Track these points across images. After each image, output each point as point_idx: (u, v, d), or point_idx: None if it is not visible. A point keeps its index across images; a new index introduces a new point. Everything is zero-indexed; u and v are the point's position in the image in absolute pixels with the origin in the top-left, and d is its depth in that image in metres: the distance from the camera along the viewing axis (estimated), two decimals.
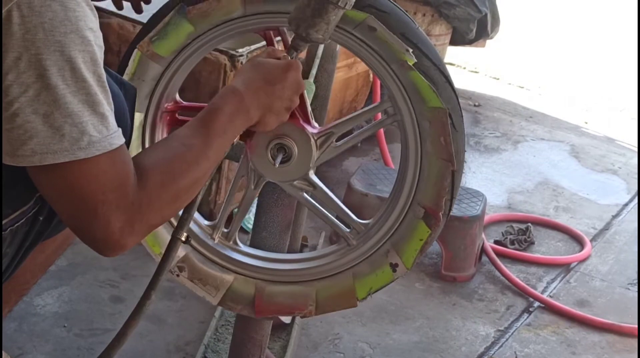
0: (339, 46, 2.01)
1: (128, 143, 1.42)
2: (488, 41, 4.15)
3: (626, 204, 3.38)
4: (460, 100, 1.57)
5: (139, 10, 1.73)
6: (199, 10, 1.57)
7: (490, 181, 3.43)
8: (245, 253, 1.72)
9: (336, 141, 1.60)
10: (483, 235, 2.76)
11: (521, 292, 2.65)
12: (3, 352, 1.90)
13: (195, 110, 1.65)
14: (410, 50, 1.49)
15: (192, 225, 1.71)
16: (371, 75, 3.22)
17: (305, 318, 2.28)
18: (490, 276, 2.73)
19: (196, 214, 1.72)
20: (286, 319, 2.23)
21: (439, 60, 1.52)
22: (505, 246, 2.90)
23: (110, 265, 2.44)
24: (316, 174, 1.63)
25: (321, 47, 1.96)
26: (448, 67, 1.57)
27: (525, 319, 2.54)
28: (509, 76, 4.77)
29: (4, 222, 1.29)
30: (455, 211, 2.61)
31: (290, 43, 1.47)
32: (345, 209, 1.66)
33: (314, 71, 1.94)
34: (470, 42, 4.00)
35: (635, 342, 2.48)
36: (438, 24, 3.70)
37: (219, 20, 1.57)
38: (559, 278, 2.79)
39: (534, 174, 3.55)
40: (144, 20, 1.64)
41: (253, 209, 2.73)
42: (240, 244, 1.73)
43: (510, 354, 2.37)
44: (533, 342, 2.44)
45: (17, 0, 1.08)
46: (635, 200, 3.41)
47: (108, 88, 1.17)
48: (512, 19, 5.14)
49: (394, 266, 1.61)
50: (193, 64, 1.66)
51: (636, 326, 2.53)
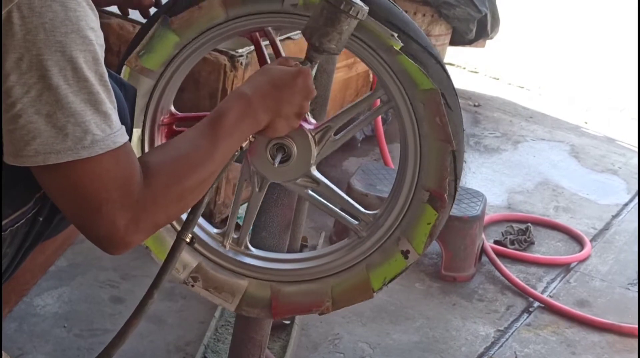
0: None
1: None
2: (488, 41, 4.15)
3: (626, 204, 3.38)
4: (460, 100, 1.57)
5: (146, 15, 1.72)
6: (182, 19, 1.57)
7: (490, 181, 3.43)
8: (257, 257, 1.72)
9: (334, 134, 1.60)
10: (483, 235, 2.76)
11: (521, 292, 2.65)
12: (3, 353, 1.90)
13: (192, 120, 1.66)
14: (396, 35, 1.49)
15: (203, 234, 1.71)
16: (371, 75, 3.22)
17: (305, 319, 2.28)
18: (490, 277, 2.73)
19: (205, 223, 1.72)
20: (286, 319, 2.23)
21: (426, 42, 1.52)
22: (505, 246, 2.90)
23: (110, 266, 2.44)
24: None
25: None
26: (448, 67, 1.57)
27: (525, 319, 2.54)
28: (509, 76, 4.77)
29: (3, 222, 1.30)
30: (455, 211, 2.61)
31: (305, 54, 1.47)
32: (351, 202, 1.66)
33: (313, 72, 1.94)
34: (470, 43, 4.01)
35: (635, 342, 2.48)
36: (438, 24, 3.70)
37: (203, 27, 1.57)
38: (558, 278, 2.79)
39: (534, 174, 3.55)
40: (144, 20, 1.64)
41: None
42: (252, 248, 1.73)
43: (510, 354, 2.37)
44: (533, 342, 2.44)
45: (18, 1, 1.08)
46: (635, 200, 3.41)
47: (110, 87, 1.17)
48: (512, 19, 5.14)
49: (405, 253, 1.61)
50: (184, 74, 1.66)
51: (636, 326, 2.53)
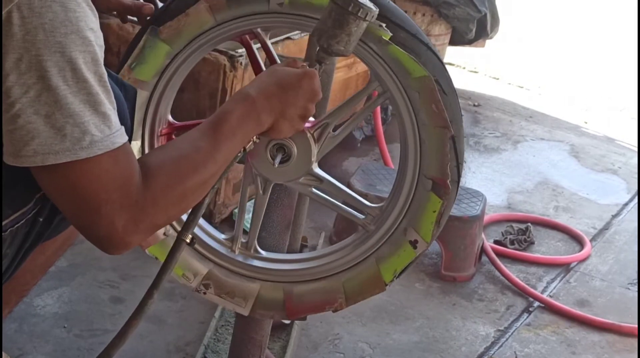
0: None
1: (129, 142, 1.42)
2: (487, 41, 4.15)
3: (626, 204, 3.38)
4: (460, 100, 1.57)
5: (143, 24, 1.72)
6: (171, 28, 1.57)
7: (490, 181, 3.43)
8: (267, 259, 1.71)
9: (333, 130, 1.60)
10: (483, 235, 2.76)
11: (521, 292, 2.65)
12: (3, 353, 1.90)
13: (190, 129, 1.65)
14: (384, 25, 1.48)
15: (211, 241, 1.71)
16: (370, 75, 3.22)
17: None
18: (490, 276, 2.73)
19: (213, 230, 1.72)
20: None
21: (415, 29, 1.51)
22: (505, 246, 2.90)
23: (110, 266, 2.44)
24: None
25: None
26: (448, 67, 1.57)
27: (525, 319, 2.54)
28: (509, 75, 4.77)
29: (4, 223, 1.29)
30: (455, 211, 2.61)
31: (315, 56, 1.46)
32: (356, 196, 1.66)
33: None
34: (469, 42, 4.01)
35: (635, 341, 2.49)
36: (437, 24, 3.70)
37: (193, 34, 1.57)
38: (558, 278, 2.79)
39: (533, 174, 3.55)
40: None
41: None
42: (261, 251, 1.72)
43: (510, 354, 2.37)
44: (533, 341, 2.44)
45: (17, 1, 1.08)
46: (635, 200, 3.41)
47: (109, 87, 1.17)
48: (512, 19, 5.15)
49: (414, 243, 1.60)
50: (179, 82, 1.66)
51: (636, 326, 2.53)
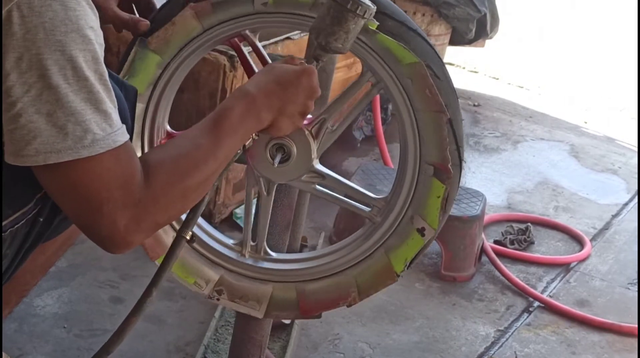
0: None
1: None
2: (487, 41, 4.14)
3: (626, 204, 3.38)
4: (460, 100, 1.57)
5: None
6: (158, 38, 1.57)
7: (489, 181, 3.43)
8: (277, 260, 1.72)
9: (331, 125, 1.60)
10: (483, 235, 2.76)
11: (521, 292, 2.65)
12: (3, 353, 1.90)
13: None
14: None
15: (220, 247, 1.71)
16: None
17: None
18: (490, 276, 2.73)
19: (222, 236, 1.72)
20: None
21: (402, 16, 1.51)
22: (505, 246, 2.90)
23: (110, 266, 2.44)
24: None
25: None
26: (448, 68, 1.57)
27: (525, 319, 2.54)
28: (509, 75, 4.77)
29: (4, 223, 1.29)
30: (455, 211, 2.61)
31: (312, 53, 1.47)
32: (360, 189, 1.66)
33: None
34: (469, 42, 4.00)
35: (635, 341, 2.48)
36: (437, 24, 3.70)
37: (182, 41, 1.57)
38: (558, 278, 2.79)
39: (533, 174, 3.55)
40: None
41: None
42: (271, 253, 1.72)
43: (510, 354, 2.37)
44: (533, 341, 2.44)
45: (17, 0, 1.08)
46: (635, 200, 3.41)
47: (110, 86, 1.17)
48: (512, 18, 5.14)
49: (421, 231, 1.60)
50: (174, 91, 1.66)
51: (636, 326, 2.53)
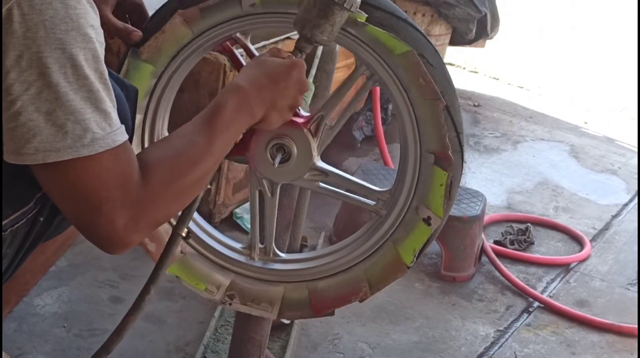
0: (338, 46, 2.01)
1: (130, 141, 1.41)
2: (488, 41, 4.14)
3: (626, 205, 3.38)
4: (460, 100, 1.57)
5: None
6: (150, 47, 1.57)
7: (489, 181, 3.43)
8: (287, 261, 1.72)
9: (329, 122, 1.59)
10: (483, 235, 2.76)
11: (521, 292, 2.65)
12: (3, 352, 1.90)
13: None
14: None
15: (229, 251, 1.71)
16: None
17: (305, 319, 2.27)
18: (490, 277, 2.73)
19: (230, 241, 1.73)
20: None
21: (391, 7, 1.51)
22: (505, 247, 2.90)
23: (109, 266, 2.44)
24: None
25: (320, 47, 1.96)
26: (448, 68, 1.57)
27: (525, 319, 2.54)
28: (509, 76, 4.77)
29: (4, 223, 1.29)
30: (455, 211, 2.61)
31: (295, 44, 1.47)
32: (364, 184, 1.66)
33: (313, 71, 1.94)
34: (469, 43, 4.00)
35: (634, 342, 2.48)
36: (438, 24, 3.70)
37: (173, 49, 1.58)
38: (558, 278, 2.79)
39: (533, 174, 3.55)
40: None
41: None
42: (280, 253, 1.72)
43: (510, 354, 2.37)
44: (533, 342, 2.44)
45: None
46: (635, 200, 3.41)
47: (110, 85, 1.17)
48: (512, 19, 5.14)
49: (427, 221, 1.60)
50: (171, 99, 1.66)
51: (636, 326, 2.53)
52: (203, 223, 1.71)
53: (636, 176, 3.63)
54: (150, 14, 1.62)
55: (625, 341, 2.49)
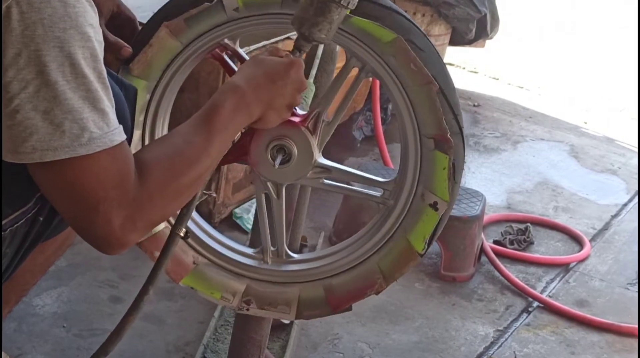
0: (338, 47, 2.01)
1: (128, 142, 1.41)
2: (487, 41, 4.14)
3: (625, 204, 3.38)
4: (460, 100, 1.57)
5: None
6: (140, 62, 1.57)
7: (489, 181, 3.43)
8: (300, 261, 1.71)
9: (326, 118, 1.59)
10: (482, 235, 2.76)
11: (520, 292, 2.65)
12: (3, 353, 1.90)
13: None
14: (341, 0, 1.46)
15: (241, 257, 1.71)
16: None
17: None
18: (490, 276, 2.73)
19: (241, 246, 1.73)
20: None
21: None
22: (505, 246, 2.90)
23: (109, 266, 2.44)
24: None
25: (321, 48, 1.96)
26: (448, 68, 1.57)
27: (525, 319, 2.54)
28: (509, 76, 4.76)
29: (3, 222, 1.29)
30: (454, 211, 2.61)
31: (294, 43, 1.47)
32: (369, 176, 1.66)
33: (313, 71, 1.94)
34: (469, 43, 4.00)
35: (634, 341, 2.48)
36: (437, 24, 3.70)
37: (164, 62, 1.58)
38: (558, 278, 2.79)
39: (533, 174, 3.55)
40: (144, 21, 1.64)
41: (252, 209, 2.74)
42: (293, 254, 1.72)
43: (510, 354, 2.37)
44: (532, 341, 2.44)
45: None
46: (635, 200, 3.41)
47: (108, 84, 1.16)
48: (512, 19, 5.14)
49: (434, 206, 1.59)
50: (168, 111, 1.66)
51: (635, 326, 2.53)
52: (214, 232, 1.72)
53: (636, 176, 3.62)
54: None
55: (624, 341, 2.49)
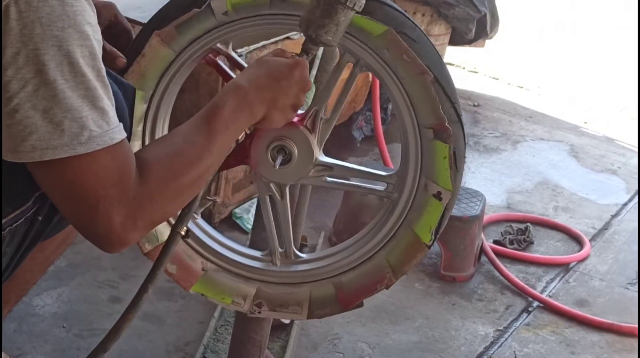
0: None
1: (128, 140, 1.41)
2: (487, 41, 4.14)
3: (625, 204, 3.38)
4: (460, 100, 1.57)
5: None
6: (134, 73, 1.58)
7: (489, 181, 3.43)
8: (308, 261, 1.72)
9: (324, 115, 1.59)
10: (482, 235, 2.76)
11: (520, 292, 2.65)
12: (3, 353, 1.90)
13: None
14: None
15: (250, 261, 1.71)
16: (370, 75, 3.22)
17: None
18: (490, 276, 2.73)
19: (250, 250, 1.73)
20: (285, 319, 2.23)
21: None
22: (505, 246, 2.90)
23: (109, 266, 2.44)
24: None
25: (321, 48, 1.96)
26: (448, 68, 1.57)
27: (525, 319, 2.54)
28: (508, 75, 4.76)
29: (2, 221, 1.29)
30: (454, 211, 2.59)
31: (302, 46, 1.47)
32: (371, 170, 1.66)
33: (314, 72, 1.94)
34: (469, 42, 4.00)
35: (634, 341, 2.48)
36: (437, 24, 3.70)
37: (158, 71, 1.58)
38: (558, 278, 2.79)
39: (533, 174, 3.55)
40: (144, 21, 1.64)
41: (252, 209, 2.74)
42: (301, 254, 1.72)
43: (510, 354, 2.37)
44: (532, 341, 2.44)
45: None
46: (635, 200, 3.41)
47: (107, 83, 1.16)
48: (512, 18, 5.14)
49: (438, 196, 1.59)
50: (167, 119, 1.66)
51: (635, 326, 2.53)
52: (221, 237, 1.72)
53: (636, 176, 3.62)
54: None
55: (624, 341, 2.49)
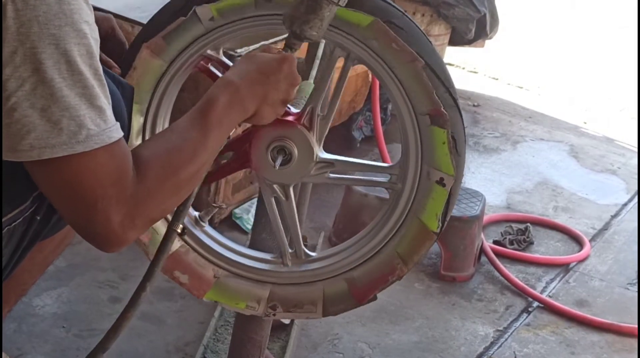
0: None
1: (126, 140, 1.41)
2: (487, 41, 4.14)
3: (625, 204, 3.38)
4: (459, 100, 1.57)
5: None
6: None
7: (489, 181, 3.43)
8: (319, 259, 1.71)
9: (321, 112, 1.59)
10: (482, 235, 2.76)
11: (520, 292, 2.65)
12: (3, 353, 1.90)
13: None
14: None
15: (260, 264, 1.71)
16: (370, 75, 3.22)
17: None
18: (490, 277, 2.73)
19: (260, 254, 1.73)
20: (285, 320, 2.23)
21: None
22: (505, 246, 2.90)
23: (109, 266, 2.44)
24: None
25: (321, 48, 1.95)
26: (448, 68, 1.57)
27: (525, 319, 2.54)
28: (508, 76, 4.77)
29: (1, 221, 1.29)
30: (454, 212, 2.59)
31: (285, 42, 1.47)
32: (373, 163, 1.67)
33: (313, 72, 1.94)
34: (469, 42, 4.00)
35: (634, 341, 2.48)
36: (437, 24, 3.70)
37: (152, 82, 1.58)
38: (558, 278, 2.79)
39: (533, 174, 3.55)
40: (144, 21, 1.64)
41: (252, 210, 2.74)
42: (312, 253, 1.72)
43: (510, 354, 2.37)
44: (532, 341, 2.44)
45: None
46: (635, 200, 3.41)
47: (105, 81, 1.16)
48: (511, 19, 5.14)
49: (441, 182, 1.59)
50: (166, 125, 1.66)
51: (635, 326, 2.53)
52: (230, 243, 1.72)
53: (636, 176, 3.63)
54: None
55: (624, 341, 2.49)
